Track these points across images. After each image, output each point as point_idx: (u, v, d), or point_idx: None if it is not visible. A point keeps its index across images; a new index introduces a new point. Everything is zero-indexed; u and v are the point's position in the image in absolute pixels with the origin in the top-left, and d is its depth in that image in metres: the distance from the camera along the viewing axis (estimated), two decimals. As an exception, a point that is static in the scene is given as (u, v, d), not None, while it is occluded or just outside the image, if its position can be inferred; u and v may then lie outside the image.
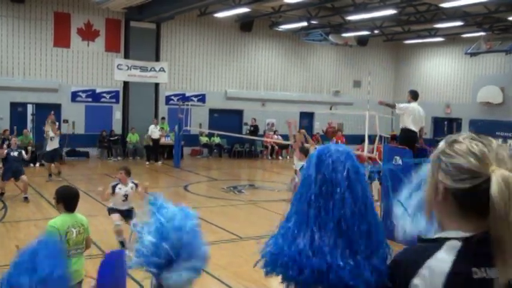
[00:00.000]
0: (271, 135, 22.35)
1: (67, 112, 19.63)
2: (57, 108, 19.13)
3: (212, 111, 22.22)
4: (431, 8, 18.28)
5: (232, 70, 23.04)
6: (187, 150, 21.32)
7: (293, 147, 9.35)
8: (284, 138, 21.29)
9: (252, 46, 23.39)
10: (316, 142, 21.13)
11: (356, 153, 9.87)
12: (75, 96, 19.77)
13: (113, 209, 8.05)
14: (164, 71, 21.16)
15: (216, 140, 22.16)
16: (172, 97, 21.49)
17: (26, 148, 13.11)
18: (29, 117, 19.34)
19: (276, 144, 21.74)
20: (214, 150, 22.25)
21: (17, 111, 18.98)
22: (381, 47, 26.69)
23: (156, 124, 19.80)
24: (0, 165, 15.81)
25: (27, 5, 18.62)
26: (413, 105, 9.35)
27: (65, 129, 19.26)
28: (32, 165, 16.78)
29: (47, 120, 17.65)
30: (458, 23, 19.86)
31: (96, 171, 17.47)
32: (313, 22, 21.45)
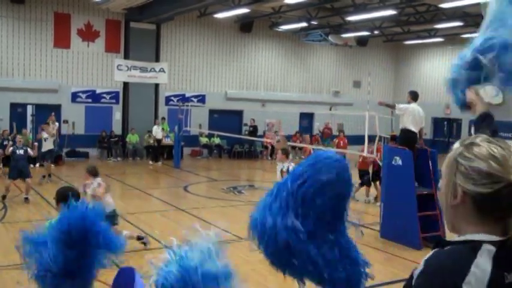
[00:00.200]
0: (271, 135, 22.35)
1: (67, 113, 19.64)
2: (57, 108, 19.16)
3: (212, 112, 22.22)
4: (431, 8, 18.31)
5: (232, 71, 23.04)
6: (187, 150, 21.32)
7: (276, 148, 9.23)
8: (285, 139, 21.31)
9: (251, 47, 23.40)
10: (316, 143, 21.24)
11: (361, 156, 9.77)
12: (75, 96, 19.78)
13: None
14: (164, 71, 21.17)
15: (215, 140, 22.17)
16: (172, 98, 21.50)
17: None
18: (29, 118, 19.34)
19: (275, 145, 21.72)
20: (214, 151, 22.26)
21: (17, 112, 18.98)
22: (380, 48, 26.70)
23: (158, 124, 19.90)
24: (1, 166, 15.97)
25: (27, 5, 18.64)
26: (413, 106, 9.35)
27: (65, 130, 19.30)
28: (31, 165, 16.74)
29: (47, 121, 17.70)
30: (458, 24, 19.87)
31: (96, 172, 17.45)
32: (313, 23, 21.46)
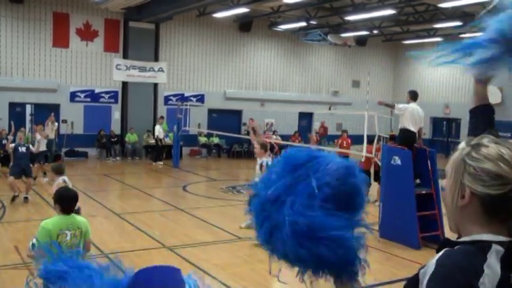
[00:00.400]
0: (270, 135, 22.33)
1: (66, 112, 19.63)
2: (56, 108, 19.14)
3: (211, 112, 22.22)
4: (430, 8, 18.32)
5: (231, 70, 23.04)
6: (186, 150, 21.32)
7: (255, 145, 9.04)
8: (284, 138, 21.30)
9: (250, 46, 23.40)
10: (317, 143, 21.24)
11: (364, 157, 9.72)
12: (73, 96, 19.76)
13: None
14: (163, 71, 21.16)
15: (214, 140, 22.17)
16: (171, 97, 21.49)
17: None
18: (28, 118, 19.32)
19: (276, 144, 21.68)
20: (213, 151, 22.26)
21: (15, 111, 18.96)
22: (379, 47, 26.70)
23: (161, 124, 19.90)
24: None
25: (26, 5, 18.61)
26: (412, 106, 9.35)
27: (63, 130, 19.29)
28: (31, 165, 16.70)
29: (47, 122, 17.70)
30: (457, 23, 19.88)
31: (95, 172, 17.48)
32: (312, 22, 21.46)
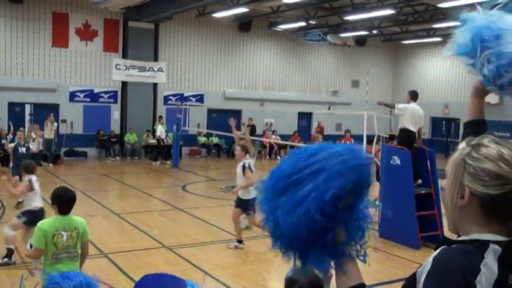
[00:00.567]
0: (269, 135, 22.36)
1: (65, 112, 19.62)
2: (55, 108, 19.16)
3: (210, 111, 22.21)
4: (429, 8, 18.33)
5: (230, 70, 23.04)
6: (186, 150, 21.31)
7: (236, 147, 8.93)
8: (283, 138, 21.32)
9: (250, 46, 23.40)
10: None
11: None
12: (73, 96, 19.75)
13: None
14: (162, 71, 21.16)
15: (214, 140, 22.16)
16: (171, 97, 21.49)
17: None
18: (27, 117, 19.31)
19: (275, 144, 21.73)
20: (213, 150, 22.25)
21: (15, 111, 18.95)
22: (379, 47, 26.71)
23: (163, 124, 19.89)
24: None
25: (25, 5, 18.60)
26: (412, 106, 9.34)
27: (63, 129, 19.29)
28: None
29: (46, 122, 17.73)
30: (457, 23, 19.88)
31: (94, 171, 17.47)
32: (311, 22, 21.46)
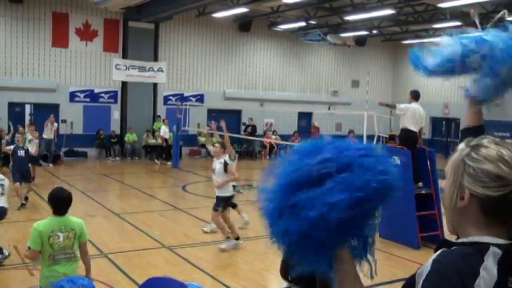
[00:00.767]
0: (270, 135, 22.37)
1: (65, 112, 19.62)
2: (55, 108, 19.17)
3: (210, 111, 22.19)
4: (429, 8, 18.32)
5: (230, 70, 23.04)
6: (186, 150, 21.31)
7: (215, 144, 8.85)
8: (283, 138, 21.30)
9: (250, 46, 23.40)
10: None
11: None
12: (73, 96, 19.76)
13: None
14: (162, 71, 21.16)
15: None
16: (171, 97, 21.49)
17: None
18: (27, 117, 19.32)
19: (276, 144, 21.72)
20: (213, 151, 22.20)
21: (14, 111, 18.95)
22: (379, 47, 26.71)
23: (167, 124, 19.85)
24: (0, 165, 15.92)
25: (25, 5, 18.60)
26: (413, 106, 9.31)
27: (63, 130, 19.29)
28: (29, 165, 16.69)
29: (46, 123, 17.73)
30: (457, 23, 19.88)
31: (94, 172, 17.47)
32: (311, 22, 21.46)
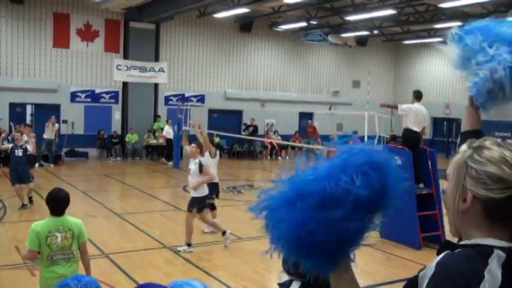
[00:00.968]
0: (271, 135, 22.37)
1: (66, 112, 19.64)
2: (56, 108, 19.18)
3: (211, 112, 22.20)
4: (431, 8, 18.31)
5: (231, 70, 23.04)
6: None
7: (192, 144, 8.77)
8: (284, 139, 21.31)
9: (251, 46, 23.39)
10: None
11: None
12: (74, 96, 19.77)
13: None
14: (163, 71, 21.16)
15: (215, 140, 22.11)
16: (172, 97, 21.49)
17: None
18: (28, 118, 19.33)
19: (276, 144, 21.73)
20: (214, 151, 22.20)
21: (16, 111, 18.97)
22: (380, 47, 26.70)
23: (170, 124, 19.86)
24: (0, 165, 15.94)
25: (26, 5, 18.62)
26: (416, 106, 9.29)
27: (64, 130, 19.31)
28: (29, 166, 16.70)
29: (47, 124, 17.75)
30: (458, 23, 19.89)
31: (95, 172, 17.48)
32: (312, 22, 21.45)
